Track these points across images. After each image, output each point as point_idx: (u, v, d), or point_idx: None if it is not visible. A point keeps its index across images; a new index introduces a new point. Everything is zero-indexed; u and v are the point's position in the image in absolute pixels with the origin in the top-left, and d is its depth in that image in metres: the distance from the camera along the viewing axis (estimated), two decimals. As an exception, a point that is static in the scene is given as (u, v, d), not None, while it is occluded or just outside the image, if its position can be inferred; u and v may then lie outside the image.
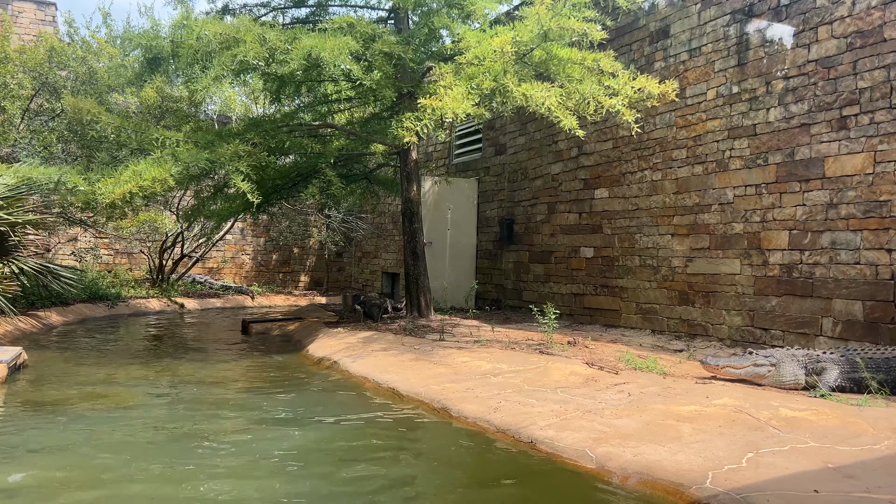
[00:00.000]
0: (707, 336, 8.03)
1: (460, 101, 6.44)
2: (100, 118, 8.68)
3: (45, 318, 10.72)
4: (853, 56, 6.57)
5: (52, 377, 6.61)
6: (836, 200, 6.67)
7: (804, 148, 6.99)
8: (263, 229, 18.84)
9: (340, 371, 7.07)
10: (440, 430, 4.90)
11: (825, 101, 6.80)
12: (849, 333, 6.52)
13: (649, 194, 8.95)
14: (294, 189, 10.32)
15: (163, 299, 14.46)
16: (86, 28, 14.86)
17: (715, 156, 8.01)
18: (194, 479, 3.76)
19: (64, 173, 8.37)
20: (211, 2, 9.59)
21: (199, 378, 6.75)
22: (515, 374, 5.99)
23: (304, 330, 10.01)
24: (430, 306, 10.01)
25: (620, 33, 9.53)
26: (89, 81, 12.60)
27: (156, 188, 7.15)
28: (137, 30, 8.49)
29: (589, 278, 10.05)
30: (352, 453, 4.35)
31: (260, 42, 7.23)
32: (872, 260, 6.35)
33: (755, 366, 5.36)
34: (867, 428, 4.08)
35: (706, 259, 8.10)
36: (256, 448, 4.38)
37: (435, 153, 14.92)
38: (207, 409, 5.44)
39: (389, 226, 17.04)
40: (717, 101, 8.02)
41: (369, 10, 10.21)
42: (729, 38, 7.90)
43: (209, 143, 7.69)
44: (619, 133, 9.48)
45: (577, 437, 4.19)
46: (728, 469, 3.52)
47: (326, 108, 10.34)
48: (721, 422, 4.28)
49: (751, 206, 7.55)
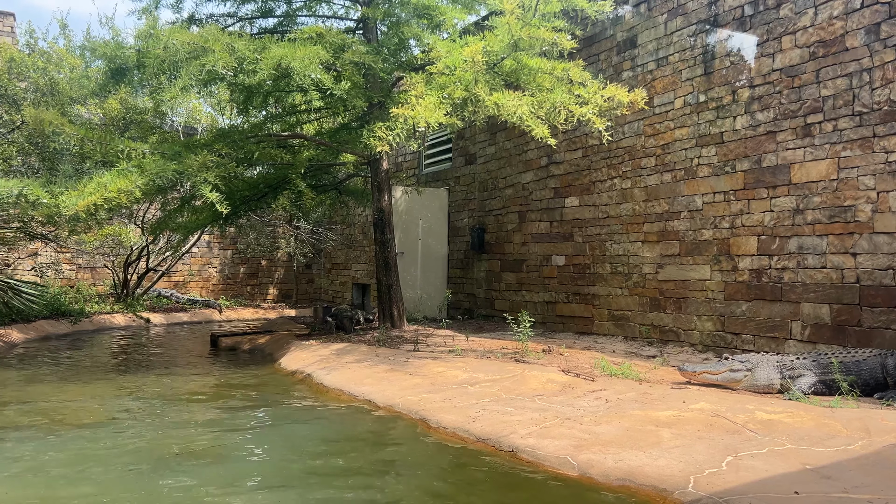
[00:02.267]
0: (679, 342, 8.11)
1: (432, 111, 6.43)
2: (62, 130, 8.45)
3: (6, 335, 10.39)
4: (816, 65, 6.72)
5: (15, 396, 6.39)
6: (803, 206, 6.81)
7: (770, 155, 7.13)
8: (231, 241, 18.57)
9: (314, 384, 6.97)
10: (419, 441, 4.84)
11: (790, 109, 6.95)
12: (817, 336, 6.63)
13: (619, 202, 9.04)
14: (263, 200, 10.20)
15: (128, 314, 14.14)
16: (43, 39, 14.52)
17: (683, 163, 8.12)
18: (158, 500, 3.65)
19: (25, 186, 8.13)
20: (176, 12, 9.41)
21: (167, 394, 6.59)
22: (492, 383, 5.97)
23: (276, 343, 9.86)
24: (403, 317, 9.95)
25: (589, 43, 9.64)
26: (50, 93, 12.30)
27: (121, 200, 6.98)
28: (100, 40, 8.32)
29: (561, 286, 10.09)
30: (330, 469, 4.27)
31: (228, 52, 7.14)
32: (838, 264, 6.48)
33: (731, 371, 5.42)
34: (841, 429, 4.14)
35: (676, 265, 8.19)
36: (228, 467, 4.28)
37: (405, 163, 14.90)
38: (175, 428, 5.30)
39: (360, 236, 16.93)
40: (684, 110, 8.14)
41: (338, 20, 10.18)
42: (695, 48, 8.03)
43: (176, 154, 7.55)
44: (588, 142, 9.56)
45: (558, 444, 4.17)
46: (709, 473, 3.53)
47: (295, 119, 10.25)
48: (699, 426, 4.30)
49: (719, 213, 7.67)
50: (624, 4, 9.09)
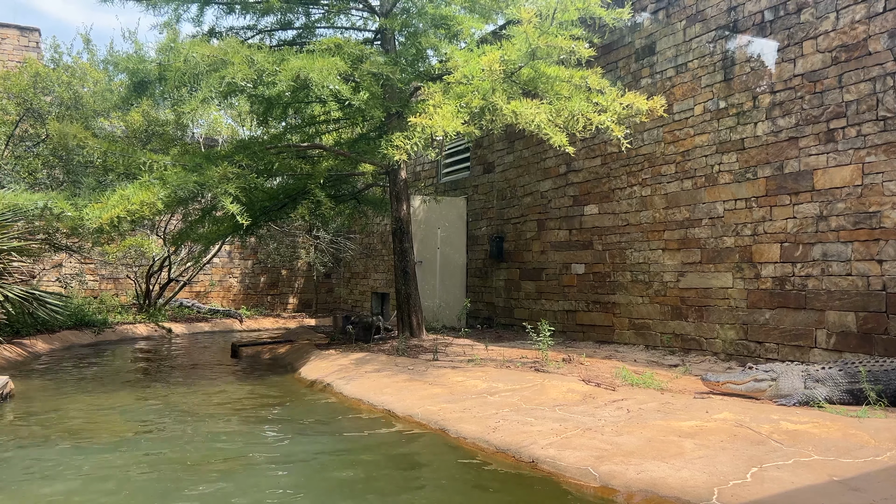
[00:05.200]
0: (701, 350, 8.01)
1: (450, 119, 6.43)
2: (86, 143, 8.58)
3: (31, 345, 10.54)
4: (838, 70, 6.64)
5: (40, 406, 6.47)
6: (826, 212, 6.71)
7: (793, 161, 7.04)
8: (251, 252, 18.72)
9: (334, 393, 6.98)
10: (439, 451, 4.82)
11: (812, 115, 6.86)
12: (843, 345, 6.52)
13: (639, 210, 8.97)
14: (283, 210, 10.27)
15: (150, 324, 14.28)
16: (68, 54, 14.76)
17: (704, 170, 8.05)
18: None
19: (50, 199, 8.27)
20: (197, 25, 9.52)
21: (190, 405, 6.63)
22: (512, 392, 5.93)
23: (296, 352, 9.89)
24: (422, 326, 9.94)
25: (607, 51, 9.61)
26: (74, 106, 12.53)
27: (144, 212, 7.08)
28: (122, 54, 8.46)
29: (581, 294, 10.03)
30: (353, 480, 4.26)
31: (248, 64, 7.21)
32: (864, 271, 6.38)
33: (755, 381, 5.34)
34: (869, 439, 4.06)
35: (698, 273, 8.11)
36: (252, 480, 4.28)
37: (423, 172, 14.93)
38: (200, 438, 5.33)
39: (378, 246, 16.99)
40: (704, 117, 8.07)
41: (356, 31, 10.25)
42: (714, 54, 7.97)
43: (197, 166, 7.63)
44: (607, 149, 9.52)
45: (579, 455, 4.13)
46: (733, 484, 3.47)
47: (314, 130, 10.32)
48: (723, 436, 4.24)
49: (741, 220, 7.58)
50: (642, 11, 9.05)
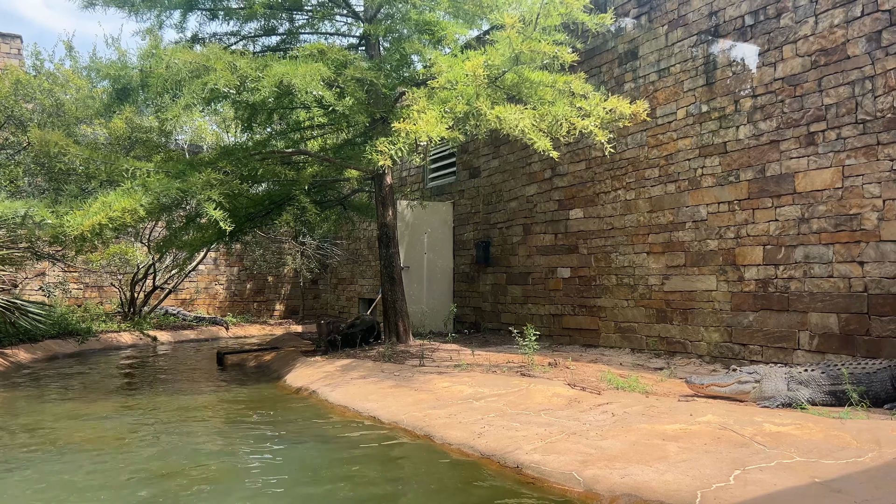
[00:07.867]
0: (686, 353, 8.04)
1: (434, 125, 6.43)
2: (68, 150, 8.50)
3: (13, 355, 10.42)
4: (818, 73, 6.71)
5: (23, 417, 6.39)
6: (808, 215, 6.77)
7: (774, 164, 7.10)
8: (237, 258, 18.62)
9: (319, 401, 6.94)
10: (424, 458, 4.80)
11: (793, 118, 6.92)
12: (826, 346, 6.57)
13: (623, 213, 9.01)
14: (268, 217, 10.22)
15: (135, 333, 14.16)
16: (50, 61, 14.64)
17: (687, 174, 8.10)
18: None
19: (31, 207, 8.19)
20: (180, 31, 9.48)
21: (175, 413, 6.57)
22: (498, 397, 5.93)
23: (281, 360, 9.84)
24: (408, 331, 9.91)
25: (590, 55, 9.66)
26: (56, 114, 12.42)
27: (126, 219, 7.01)
28: (105, 61, 8.39)
29: (567, 298, 10.05)
30: (336, 489, 4.24)
31: (230, 70, 7.18)
32: (845, 273, 6.43)
33: (739, 383, 5.37)
34: (851, 441, 4.09)
35: (682, 276, 8.15)
36: (234, 489, 4.25)
37: (409, 178, 14.92)
38: (184, 446, 5.28)
39: (365, 251, 16.96)
40: (687, 120, 8.13)
41: (340, 37, 10.23)
42: (696, 59, 8.03)
43: (180, 173, 7.58)
44: (591, 154, 9.56)
45: (563, 460, 4.13)
46: (717, 487, 3.48)
47: (299, 135, 10.29)
48: (706, 439, 4.25)
49: (724, 223, 7.63)
50: (624, 16, 9.11)
